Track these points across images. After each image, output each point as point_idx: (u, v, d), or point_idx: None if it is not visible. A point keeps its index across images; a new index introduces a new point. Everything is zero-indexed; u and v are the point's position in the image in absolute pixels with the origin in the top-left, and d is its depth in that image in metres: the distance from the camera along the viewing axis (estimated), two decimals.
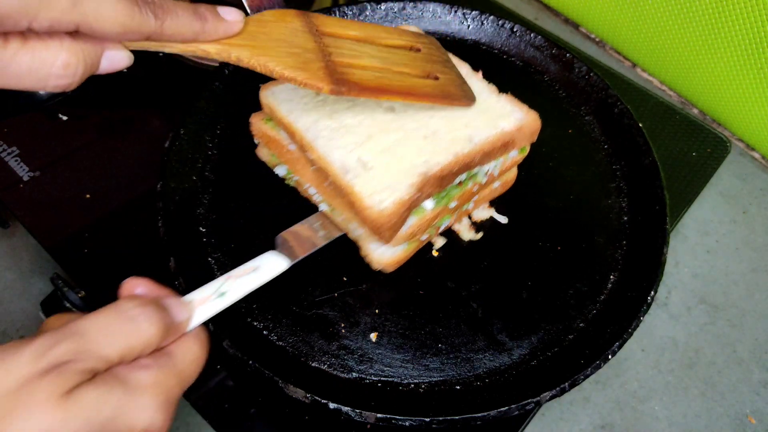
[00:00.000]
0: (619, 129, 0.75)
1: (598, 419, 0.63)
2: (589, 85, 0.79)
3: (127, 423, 0.35)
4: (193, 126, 0.70)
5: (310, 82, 0.50)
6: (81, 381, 0.34)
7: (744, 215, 0.82)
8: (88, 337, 0.35)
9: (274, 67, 0.48)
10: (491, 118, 0.62)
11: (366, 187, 0.54)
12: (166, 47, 0.43)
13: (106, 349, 0.35)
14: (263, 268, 0.50)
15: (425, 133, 0.59)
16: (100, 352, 0.35)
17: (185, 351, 0.40)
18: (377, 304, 0.61)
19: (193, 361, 0.41)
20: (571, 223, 0.69)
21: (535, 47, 0.83)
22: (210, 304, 0.44)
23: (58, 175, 0.73)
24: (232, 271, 0.48)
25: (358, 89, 0.53)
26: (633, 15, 0.94)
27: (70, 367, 0.34)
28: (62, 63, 0.39)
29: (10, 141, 0.76)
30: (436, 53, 0.64)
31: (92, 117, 0.80)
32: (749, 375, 0.68)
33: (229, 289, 0.45)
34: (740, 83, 0.86)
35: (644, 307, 0.58)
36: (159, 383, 0.37)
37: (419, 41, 0.63)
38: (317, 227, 0.61)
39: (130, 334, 0.37)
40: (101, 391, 0.34)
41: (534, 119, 0.63)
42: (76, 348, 0.34)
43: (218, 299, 0.44)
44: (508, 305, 0.62)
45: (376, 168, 0.56)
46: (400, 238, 0.58)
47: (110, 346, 0.36)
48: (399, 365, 0.57)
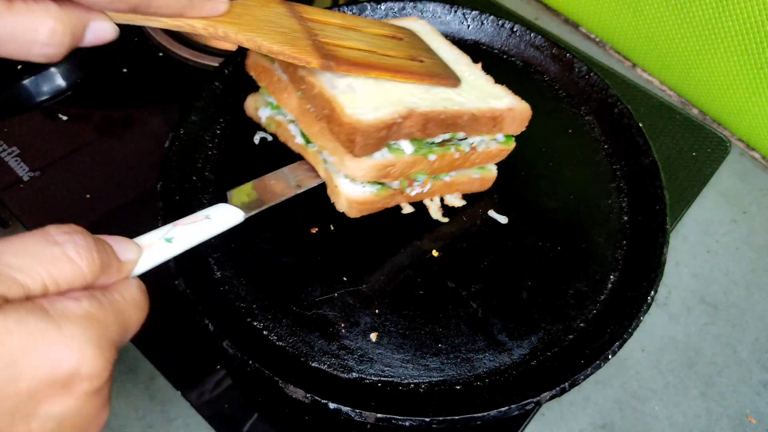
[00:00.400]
0: (619, 129, 0.75)
1: (598, 419, 0.63)
2: (589, 85, 0.79)
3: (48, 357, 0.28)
4: (193, 126, 0.70)
5: (298, 56, 0.50)
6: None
7: (744, 215, 0.82)
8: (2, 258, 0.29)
9: (261, 42, 0.48)
10: (484, 96, 0.63)
11: (349, 102, 0.55)
12: (153, 21, 0.42)
13: (21, 272, 0.29)
14: (215, 218, 0.47)
15: (417, 87, 0.60)
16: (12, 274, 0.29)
17: (124, 291, 0.35)
18: (377, 304, 0.61)
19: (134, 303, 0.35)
20: (571, 223, 0.69)
21: (535, 47, 0.83)
22: (157, 248, 0.40)
23: (58, 175, 0.73)
24: (181, 219, 0.45)
25: (347, 64, 0.54)
26: (633, 15, 0.94)
27: None
28: (48, 30, 0.36)
29: (10, 141, 0.76)
30: (417, 42, 0.67)
31: (92, 117, 0.80)
32: (749, 375, 0.68)
33: (176, 235, 0.42)
34: (740, 83, 0.86)
35: (644, 307, 0.58)
36: (92, 316, 0.31)
37: (401, 32, 0.66)
38: (287, 174, 0.61)
39: (54, 261, 0.30)
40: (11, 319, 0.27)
41: (526, 107, 0.64)
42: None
43: (166, 244, 0.41)
44: (508, 305, 0.62)
45: (364, 93, 0.56)
46: (372, 167, 0.57)
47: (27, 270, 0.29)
48: (399, 365, 0.57)
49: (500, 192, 0.70)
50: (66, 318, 0.29)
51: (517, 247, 0.66)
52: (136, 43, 0.87)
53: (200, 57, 0.86)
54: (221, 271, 0.61)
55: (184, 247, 0.43)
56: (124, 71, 0.84)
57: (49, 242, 0.31)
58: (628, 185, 0.72)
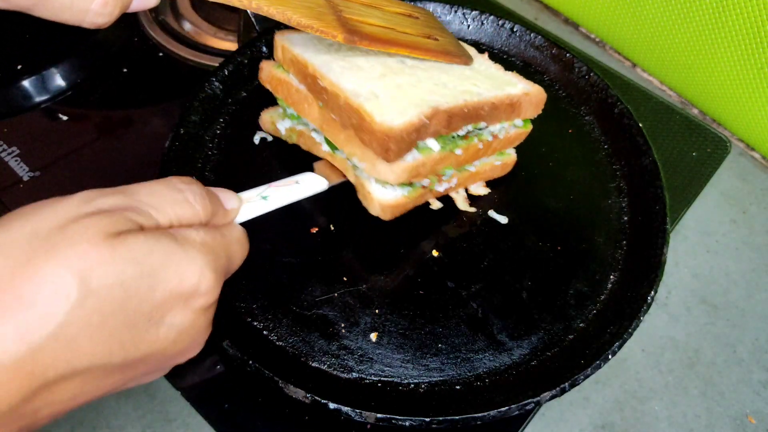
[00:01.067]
0: (619, 129, 0.75)
1: (598, 419, 0.63)
2: (589, 85, 0.79)
3: (177, 273, 0.34)
4: (193, 126, 0.70)
5: (325, 29, 0.54)
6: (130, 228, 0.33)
7: (744, 215, 0.82)
8: (137, 196, 0.35)
9: (292, 15, 0.52)
10: (499, 84, 0.65)
11: (377, 109, 0.56)
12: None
13: (154, 209, 0.35)
14: (304, 183, 0.54)
15: (436, 83, 0.61)
16: (149, 210, 0.35)
17: (232, 233, 0.41)
18: (377, 304, 0.61)
19: (240, 243, 0.42)
20: (571, 223, 0.69)
21: (535, 47, 0.83)
22: (254, 203, 0.46)
23: (58, 175, 0.73)
24: (274, 182, 0.51)
25: (370, 39, 0.57)
26: (633, 15, 0.94)
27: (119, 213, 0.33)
28: (101, 1, 0.41)
29: (10, 141, 0.76)
30: (432, 21, 0.71)
31: (92, 117, 0.80)
32: (749, 375, 0.68)
33: (270, 194, 0.48)
34: (740, 83, 0.86)
35: (644, 307, 0.58)
36: (208, 244, 0.36)
37: (417, 11, 0.70)
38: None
39: (178, 203, 0.36)
40: (151, 238, 0.33)
41: (540, 90, 0.66)
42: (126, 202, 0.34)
43: (262, 201, 0.47)
44: (508, 305, 0.62)
45: (388, 98, 0.57)
46: (404, 170, 0.58)
47: (159, 207, 0.35)
48: (399, 365, 0.57)
49: (500, 192, 0.70)
50: (189, 243, 0.35)
51: (517, 247, 0.66)
52: (136, 43, 0.87)
53: (200, 57, 0.86)
54: None
55: (277, 205, 0.49)
56: (124, 71, 0.84)
57: (174, 188, 0.37)
58: (628, 185, 0.72)
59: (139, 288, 0.32)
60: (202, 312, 0.37)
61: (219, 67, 0.74)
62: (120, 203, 0.34)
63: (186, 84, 0.83)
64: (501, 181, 0.70)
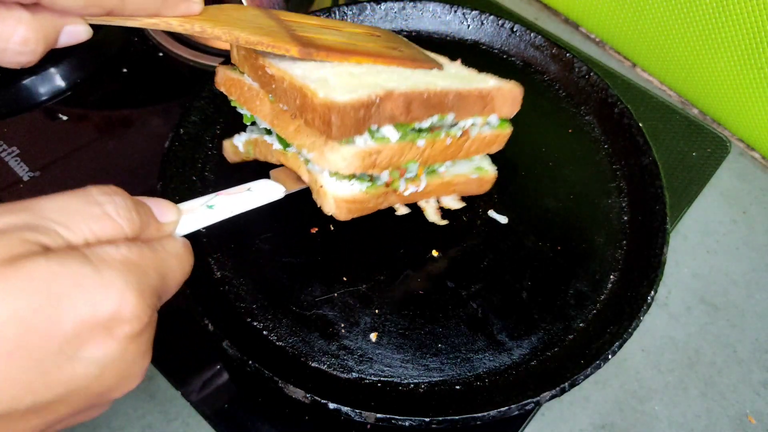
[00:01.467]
0: (619, 129, 0.75)
1: (598, 419, 0.63)
2: (589, 85, 0.79)
3: (90, 299, 0.29)
4: (193, 126, 0.70)
5: (277, 44, 0.50)
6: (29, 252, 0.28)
7: (744, 215, 0.82)
8: (42, 212, 0.30)
9: (239, 34, 0.48)
10: (469, 80, 0.61)
11: (322, 87, 0.51)
12: (128, 21, 0.42)
13: (63, 226, 0.30)
14: (256, 191, 0.49)
15: (398, 74, 0.58)
16: (55, 228, 0.30)
17: (167, 247, 0.36)
18: (377, 304, 0.61)
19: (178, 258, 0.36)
20: (571, 223, 0.69)
21: (535, 47, 0.83)
22: (197, 214, 0.42)
23: (58, 175, 0.73)
24: (223, 190, 0.46)
25: (327, 50, 0.53)
26: (633, 15, 0.94)
27: (14, 235, 0.28)
28: (20, 39, 0.36)
29: (10, 141, 0.76)
30: (394, 38, 0.68)
31: (92, 117, 0.80)
32: (749, 375, 0.68)
33: (217, 203, 0.44)
34: (740, 83, 0.86)
35: (644, 307, 0.58)
36: (132, 262, 0.31)
37: (377, 31, 0.67)
38: None
39: (94, 217, 0.31)
40: (52, 262, 0.28)
41: (515, 85, 0.63)
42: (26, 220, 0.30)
43: (207, 211, 0.43)
44: (508, 305, 0.62)
45: (338, 82, 0.53)
46: (355, 156, 0.53)
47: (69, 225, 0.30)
48: (399, 365, 0.57)
49: (500, 192, 0.70)
50: (105, 263, 0.30)
51: (517, 247, 0.66)
52: (136, 43, 0.87)
53: (200, 57, 0.86)
54: (221, 271, 0.61)
55: (225, 215, 0.45)
56: (124, 71, 0.84)
57: (90, 202, 0.32)
58: (628, 185, 0.72)
59: (42, 321, 0.28)
60: (130, 340, 0.31)
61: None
62: (18, 222, 0.30)
63: (186, 84, 0.83)
64: (501, 181, 0.70)
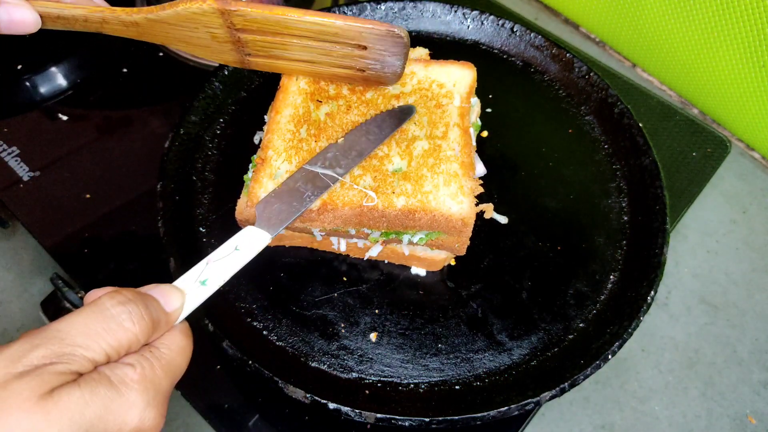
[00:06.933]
0: (619, 129, 0.75)
1: (598, 419, 0.63)
2: (589, 85, 0.79)
3: (117, 421, 0.34)
4: (193, 126, 0.70)
5: None
6: (63, 382, 0.33)
7: (744, 215, 0.82)
8: (68, 339, 0.34)
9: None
10: None
11: None
12: None
13: (88, 350, 0.34)
14: (244, 247, 0.47)
15: None
16: (82, 353, 0.34)
17: (171, 343, 0.39)
18: (377, 304, 0.61)
19: (180, 351, 0.40)
20: (571, 223, 0.69)
21: (535, 47, 0.83)
22: (194, 293, 0.42)
23: (58, 175, 0.73)
24: (212, 255, 0.45)
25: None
26: (633, 15, 0.94)
27: (49, 368, 0.33)
28: None
29: (10, 141, 0.76)
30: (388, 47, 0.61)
31: (92, 117, 0.80)
32: (749, 375, 0.68)
33: (210, 276, 0.44)
34: (740, 83, 0.86)
35: (644, 307, 0.58)
36: (146, 378, 0.36)
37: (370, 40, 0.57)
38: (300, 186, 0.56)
39: (113, 332, 0.36)
40: (84, 391, 0.33)
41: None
42: (56, 351, 0.34)
43: (202, 288, 0.43)
44: (508, 305, 0.62)
45: None
46: None
47: (92, 347, 0.35)
48: (399, 365, 0.57)
49: (500, 192, 0.70)
50: (126, 385, 0.35)
51: (517, 247, 0.66)
52: (136, 43, 0.87)
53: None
54: None
55: (218, 286, 0.44)
56: (124, 71, 0.84)
57: (107, 318, 0.36)
58: (628, 185, 0.72)
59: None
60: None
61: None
62: (49, 353, 0.33)
63: (186, 84, 0.83)
64: (501, 181, 0.70)
